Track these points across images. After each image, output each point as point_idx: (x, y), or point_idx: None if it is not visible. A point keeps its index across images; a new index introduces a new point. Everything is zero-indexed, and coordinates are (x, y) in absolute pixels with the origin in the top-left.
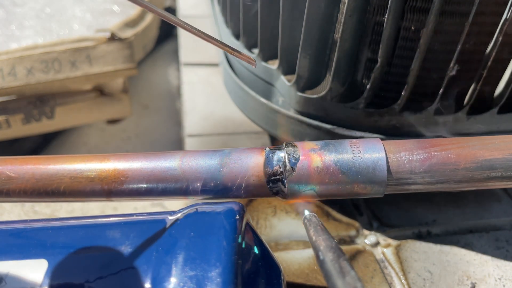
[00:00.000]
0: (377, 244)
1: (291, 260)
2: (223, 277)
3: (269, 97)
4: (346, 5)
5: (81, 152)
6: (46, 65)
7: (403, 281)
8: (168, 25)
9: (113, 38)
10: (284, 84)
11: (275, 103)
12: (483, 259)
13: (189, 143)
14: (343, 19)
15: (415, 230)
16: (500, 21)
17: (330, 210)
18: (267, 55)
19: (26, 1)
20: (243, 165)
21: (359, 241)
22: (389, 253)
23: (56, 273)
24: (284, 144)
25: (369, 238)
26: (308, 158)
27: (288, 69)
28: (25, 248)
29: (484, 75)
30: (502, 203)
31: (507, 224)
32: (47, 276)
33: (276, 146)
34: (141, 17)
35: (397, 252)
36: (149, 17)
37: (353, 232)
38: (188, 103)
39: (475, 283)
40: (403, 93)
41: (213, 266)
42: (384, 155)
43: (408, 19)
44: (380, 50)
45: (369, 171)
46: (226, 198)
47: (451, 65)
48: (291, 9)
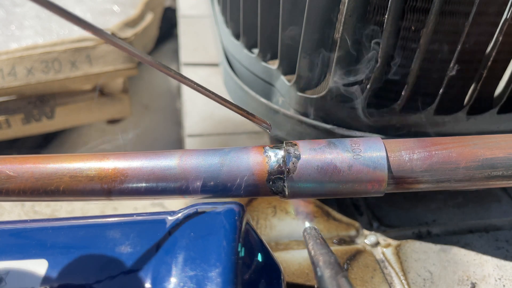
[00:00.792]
0: (377, 244)
1: (291, 260)
2: (223, 277)
3: (269, 97)
4: (346, 5)
5: (81, 153)
6: (46, 65)
7: (403, 281)
8: (168, 25)
9: None
10: (284, 84)
11: (275, 103)
12: (483, 259)
13: (189, 143)
14: (343, 19)
15: (415, 230)
16: (500, 21)
17: (330, 210)
18: (267, 55)
19: (26, 1)
20: (243, 164)
21: (359, 241)
22: (389, 253)
23: (56, 273)
24: (284, 143)
25: (369, 238)
26: (308, 157)
27: (288, 69)
28: (25, 248)
29: (484, 75)
30: (502, 203)
31: (507, 224)
32: (47, 276)
33: (276, 145)
34: (141, 17)
35: (397, 252)
36: (149, 17)
37: (353, 232)
38: (188, 103)
39: (475, 283)
40: (403, 93)
41: (213, 266)
42: (384, 154)
43: (408, 19)
44: (380, 50)
45: (370, 170)
46: (226, 197)
47: (451, 65)
48: (291, 9)
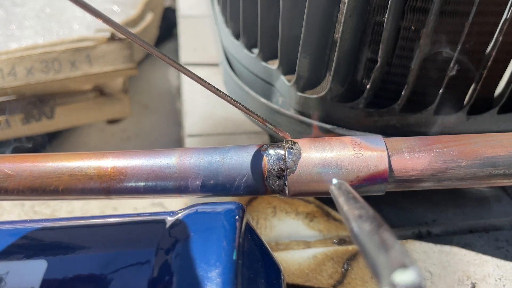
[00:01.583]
0: None
1: (291, 260)
2: (223, 277)
3: (269, 97)
4: (346, 5)
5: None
6: (46, 65)
7: None
8: (168, 25)
9: (113, 38)
10: (284, 84)
11: (275, 103)
12: (483, 259)
13: (189, 143)
14: (343, 19)
15: (415, 230)
16: (500, 21)
17: (330, 210)
18: (267, 55)
19: (26, 1)
20: (243, 162)
21: None
22: None
23: (56, 274)
24: (285, 141)
25: None
26: (309, 155)
27: (288, 69)
28: (25, 248)
29: (484, 75)
30: (502, 203)
31: (507, 224)
32: (46, 276)
33: (276, 143)
34: (141, 17)
35: None
36: (149, 17)
37: None
38: (188, 103)
39: (475, 283)
40: (403, 93)
41: (213, 266)
42: (385, 152)
43: (408, 19)
44: (380, 50)
45: (370, 168)
46: (226, 196)
47: (451, 65)
48: (291, 9)
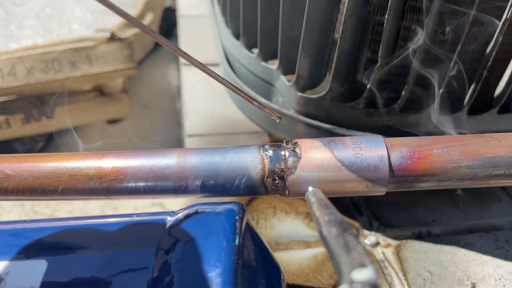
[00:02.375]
0: (377, 244)
1: (291, 260)
2: (223, 277)
3: (269, 97)
4: (346, 5)
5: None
6: (46, 65)
7: (403, 281)
8: (168, 25)
9: (113, 38)
10: (284, 84)
11: (275, 103)
12: (483, 259)
13: (189, 143)
14: (343, 19)
15: (415, 230)
16: (500, 21)
17: None
18: (267, 55)
19: (26, 1)
20: (242, 162)
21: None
22: (389, 253)
23: (56, 274)
24: (284, 141)
25: (369, 238)
26: (308, 155)
27: (288, 69)
28: (25, 248)
29: (484, 75)
30: (502, 203)
31: (507, 224)
32: (46, 276)
33: (276, 143)
34: (141, 17)
35: (397, 252)
36: (149, 17)
37: None
38: (188, 103)
39: (475, 283)
40: (403, 93)
41: (213, 266)
42: (385, 152)
43: (408, 19)
44: (380, 50)
45: (371, 169)
46: (226, 196)
47: (451, 65)
48: (291, 9)
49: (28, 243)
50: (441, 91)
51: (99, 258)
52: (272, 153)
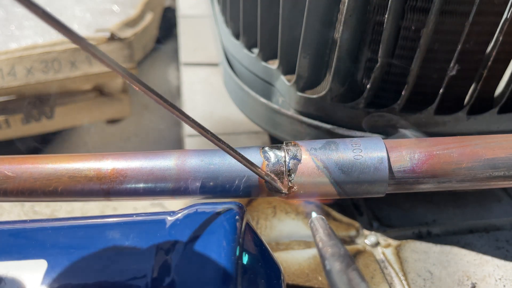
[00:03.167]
0: (377, 244)
1: (291, 260)
2: (223, 277)
3: (269, 97)
4: (346, 5)
5: (81, 152)
6: (45, 65)
7: (403, 281)
8: (168, 25)
9: (113, 38)
10: (284, 84)
11: (275, 103)
12: (483, 259)
13: (189, 143)
14: (343, 19)
15: (415, 230)
16: (501, 21)
17: (330, 210)
18: (267, 55)
19: None
20: (242, 164)
21: (359, 241)
22: (389, 253)
23: (56, 274)
24: (284, 143)
25: (369, 238)
26: (308, 157)
27: (288, 69)
28: (25, 248)
29: (484, 75)
30: (502, 203)
31: (507, 224)
32: (46, 276)
33: (276, 145)
34: (141, 17)
35: (397, 252)
36: (149, 17)
37: (353, 232)
38: (188, 103)
39: (475, 283)
40: (403, 93)
41: (213, 266)
42: (385, 154)
43: (408, 19)
44: (380, 50)
45: (371, 170)
46: (225, 197)
47: (451, 65)
48: (291, 9)
49: (28, 243)
50: (441, 91)
51: (99, 258)
52: (271, 154)
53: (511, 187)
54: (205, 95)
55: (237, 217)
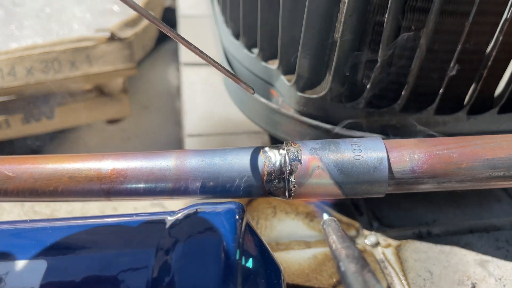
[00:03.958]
0: (377, 244)
1: (291, 260)
2: (223, 277)
3: (269, 97)
4: (346, 5)
5: (81, 152)
6: (45, 65)
7: (403, 281)
8: (168, 25)
9: (113, 38)
10: (284, 84)
11: (275, 103)
12: (483, 259)
13: (189, 143)
14: (343, 19)
15: (415, 230)
16: (501, 21)
17: (330, 210)
18: (267, 55)
19: (26, 1)
20: (242, 164)
21: (359, 241)
22: (389, 253)
23: (56, 273)
24: (285, 143)
25: (369, 238)
26: (308, 157)
27: (288, 69)
28: (25, 248)
29: (484, 75)
30: (502, 203)
31: (507, 224)
32: (46, 276)
33: (276, 145)
34: (141, 17)
35: (397, 252)
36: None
37: (353, 232)
38: (188, 103)
39: (475, 283)
40: (403, 93)
41: (213, 266)
42: (385, 154)
43: (408, 19)
44: (380, 50)
45: (370, 171)
46: (225, 197)
47: (451, 65)
48: (291, 9)
49: (28, 243)
50: (441, 91)
51: (99, 258)
52: (272, 155)
53: (511, 187)
54: (205, 95)
55: (237, 217)
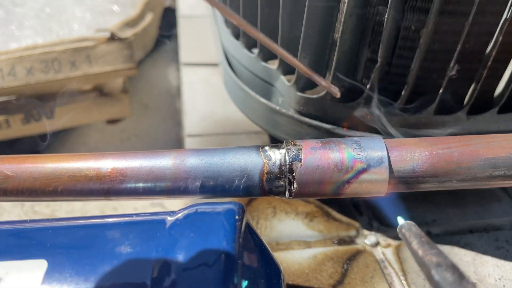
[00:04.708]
0: (377, 244)
1: (291, 260)
2: (223, 277)
3: (269, 97)
4: (346, 5)
5: (81, 152)
6: (46, 65)
7: (403, 281)
8: (168, 25)
9: (113, 38)
10: (284, 84)
11: (275, 103)
12: (483, 259)
13: (189, 143)
14: (343, 19)
15: None
16: (500, 21)
17: (330, 210)
18: (267, 55)
19: (26, 1)
20: (242, 164)
21: (359, 241)
22: (389, 253)
23: (56, 274)
24: (285, 142)
25: (369, 238)
26: (309, 156)
27: (288, 69)
28: (25, 248)
29: (484, 75)
30: (502, 203)
31: (507, 224)
32: (46, 276)
33: (276, 144)
34: (141, 17)
35: (397, 252)
36: (149, 17)
37: (353, 232)
38: (188, 103)
39: (475, 283)
40: (403, 93)
41: (213, 266)
42: (386, 153)
43: (408, 19)
44: (380, 50)
45: (371, 170)
46: (225, 197)
47: (451, 65)
48: (291, 9)
49: (28, 243)
50: (441, 91)
51: (99, 258)
52: (272, 154)
53: (511, 187)
54: (205, 95)
55: (237, 217)
